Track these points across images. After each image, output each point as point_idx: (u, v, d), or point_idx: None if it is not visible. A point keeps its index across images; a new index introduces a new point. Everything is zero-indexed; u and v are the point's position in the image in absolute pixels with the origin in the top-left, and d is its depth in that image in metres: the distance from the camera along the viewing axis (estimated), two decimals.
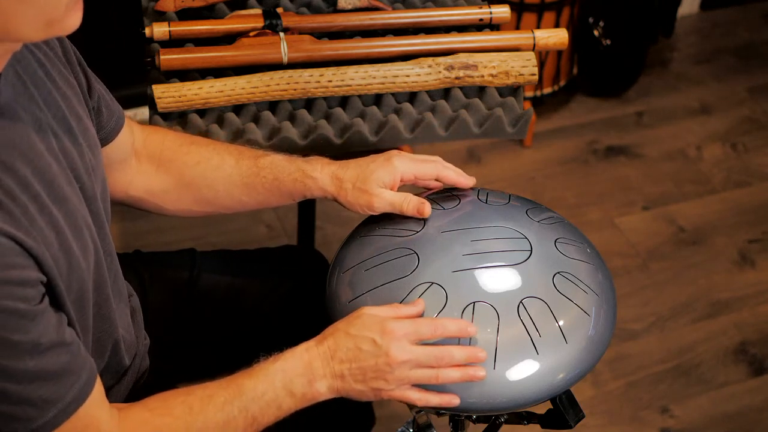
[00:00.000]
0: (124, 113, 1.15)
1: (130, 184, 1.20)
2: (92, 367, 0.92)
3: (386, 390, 1.01)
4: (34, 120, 0.89)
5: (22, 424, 0.86)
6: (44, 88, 0.93)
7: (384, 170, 1.15)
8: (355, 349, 1.00)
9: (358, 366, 1.00)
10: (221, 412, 0.98)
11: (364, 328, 1.01)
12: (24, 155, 0.85)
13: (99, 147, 1.03)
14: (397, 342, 1.00)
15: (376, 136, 1.35)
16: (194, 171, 1.20)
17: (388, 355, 0.99)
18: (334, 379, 1.01)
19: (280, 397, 0.99)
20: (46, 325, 0.84)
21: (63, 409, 0.88)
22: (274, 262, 1.40)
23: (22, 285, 0.81)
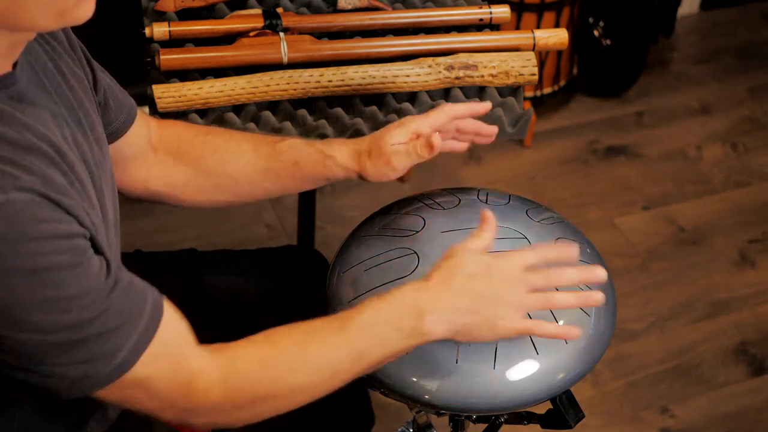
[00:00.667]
0: (137, 107, 1.14)
1: (149, 178, 1.19)
2: (157, 294, 0.90)
3: (503, 319, 0.97)
4: (50, 110, 0.89)
5: (105, 363, 0.83)
6: (54, 80, 0.93)
7: (396, 131, 1.15)
8: (469, 279, 0.97)
9: (475, 295, 0.97)
10: (326, 345, 0.94)
11: (471, 260, 0.98)
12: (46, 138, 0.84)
13: (106, 142, 1.03)
14: (510, 265, 0.98)
15: None
16: (212, 160, 1.19)
17: (503, 279, 0.97)
18: (446, 312, 0.96)
19: (387, 332, 0.95)
20: (96, 270, 0.83)
21: (141, 335, 0.85)
22: (275, 262, 1.40)
23: (65, 237, 0.80)
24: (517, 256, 0.99)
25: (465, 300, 0.97)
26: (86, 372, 0.83)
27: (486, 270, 0.98)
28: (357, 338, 0.95)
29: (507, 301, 0.97)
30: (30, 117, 0.84)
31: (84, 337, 0.82)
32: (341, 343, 0.95)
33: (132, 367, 0.85)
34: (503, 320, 0.97)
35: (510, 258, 0.99)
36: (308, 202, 1.80)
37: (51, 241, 0.79)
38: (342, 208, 2.31)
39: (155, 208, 2.28)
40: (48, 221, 0.79)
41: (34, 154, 0.81)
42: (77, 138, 0.93)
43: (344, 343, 0.95)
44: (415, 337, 0.96)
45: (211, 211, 2.27)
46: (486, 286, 0.97)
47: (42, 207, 0.79)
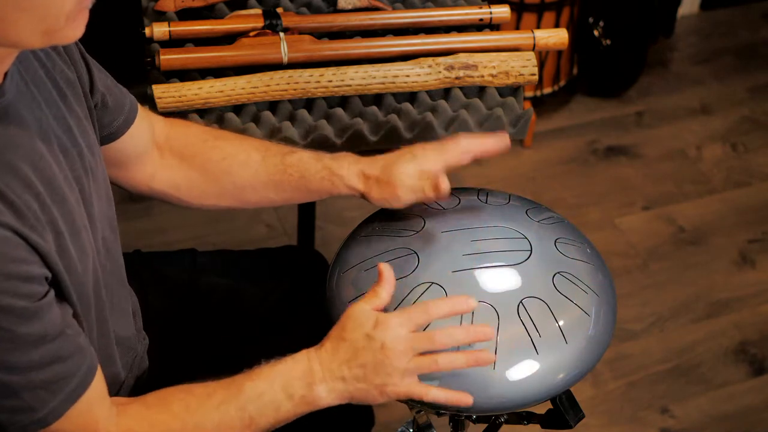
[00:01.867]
0: (138, 105, 1.14)
1: (153, 177, 1.19)
2: (93, 357, 0.92)
3: (390, 386, 1.00)
4: (36, 120, 0.89)
5: (26, 415, 0.86)
6: (45, 88, 0.93)
7: (408, 163, 1.15)
8: (352, 348, 0.99)
9: (357, 364, 0.99)
10: (218, 411, 0.97)
11: (356, 326, 1.00)
12: (26, 155, 0.85)
13: (98, 148, 1.03)
14: (391, 331, 0.99)
15: (376, 136, 1.35)
16: (220, 167, 1.19)
17: (384, 346, 0.98)
18: (334, 381, 1.00)
19: (278, 400, 0.99)
20: (50, 318, 0.85)
21: (66, 398, 0.88)
22: (274, 262, 1.40)
23: (28, 281, 0.82)
24: (405, 318, 1.00)
25: (352, 370, 0.99)
26: (7, 419, 0.85)
27: (370, 338, 0.99)
28: (249, 405, 0.98)
29: (392, 368, 0.99)
30: (14, 132, 0.84)
31: (16, 383, 0.84)
32: (233, 410, 0.98)
33: (49, 426, 0.88)
34: (391, 387, 1.00)
35: (397, 322, 0.99)
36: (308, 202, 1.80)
37: (11, 281, 0.80)
38: (342, 208, 2.31)
39: (155, 208, 2.28)
40: (12, 260, 0.80)
41: (11, 176, 0.82)
42: (65, 147, 0.93)
43: (236, 410, 0.98)
44: (306, 405, 1.00)
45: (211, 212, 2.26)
46: (370, 354, 0.99)
47: (11, 244, 0.80)
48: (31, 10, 0.76)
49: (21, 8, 0.76)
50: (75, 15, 0.79)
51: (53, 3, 0.76)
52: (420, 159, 1.15)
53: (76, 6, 0.78)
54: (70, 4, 0.77)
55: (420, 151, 1.16)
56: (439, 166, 1.15)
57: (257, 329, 1.31)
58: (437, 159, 1.15)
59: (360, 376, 0.99)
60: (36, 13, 0.76)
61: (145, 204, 2.28)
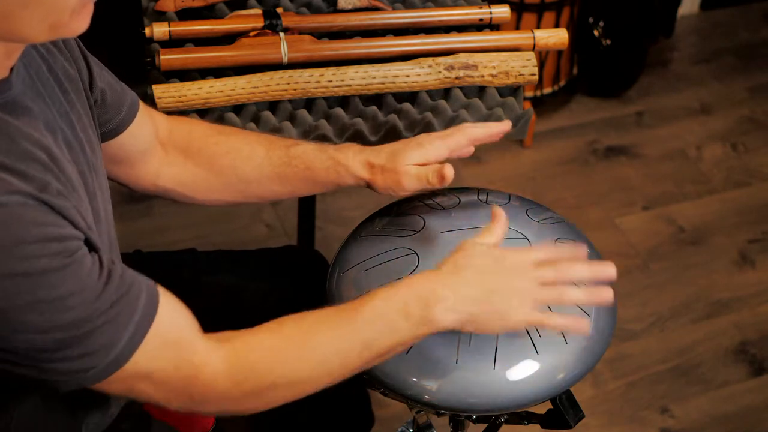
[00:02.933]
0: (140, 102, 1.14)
1: (157, 174, 1.19)
2: (152, 285, 0.90)
3: (513, 311, 0.97)
4: (43, 114, 0.89)
5: (103, 356, 0.83)
6: (48, 83, 0.93)
7: (413, 151, 1.14)
8: (480, 271, 0.97)
9: (487, 287, 0.97)
10: (336, 334, 0.94)
11: (482, 253, 0.99)
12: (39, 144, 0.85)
13: (99, 144, 1.03)
14: (522, 258, 0.99)
15: (376, 136, 1.35)
16: (224, 161, 1.19)
17: (514, 271, 0.97)
18: (457, 302, 0.96)
19: (396, 321, 0.95)
20: (89, 268, 0.83)
21: (138, 325, 0.85)
22: (274, 262, 1.40)
23: (59, 240, 0.80)
24: (527, 250, 1.00)
25: (475, 290, 0.97)
26: (84, 365, 0.83)
27: (496, 262, 0.98)
28: (366, 327, 0.95)
29: (518, 293, 0.97)
30: (24, 123, 0.84)
31: (79, 333, 0.82)
32: (350, 333, 0.95)
33: (130, 359, 0.85)
34: (514, 311, 0.98)
35: (520, 252, 1.00)
36: (308, 202, 1.81)
37: (44, 244, 0.79)
38: (342, 208, 2.31)
39: (155, 208, 2.29)
40: (40, 224, 0.79)
41: (29, 161, 0.81)
42: (69, 141, 0.93)
43: (353, 333, 0.95)
44: (424, 326, 0.96)
45: (211, 211, 2.27)
46: (497, 277, 0.98)
47: (34, 210, 0.79)
48: (36, 5, 0.76)
49: (26, 3, 0.76)
50: (80, 9, 0.79)
51: None
52: (425, 147, 1.15)
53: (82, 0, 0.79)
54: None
55: (425, 140, 1.16)
56: (444, 155, 1.15)
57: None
58: (442, 147, 1.15)
59: (487, 299, 0.97)
60: (42, 8, 0.77)
61: (146, 204, 2.29)
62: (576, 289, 1.00)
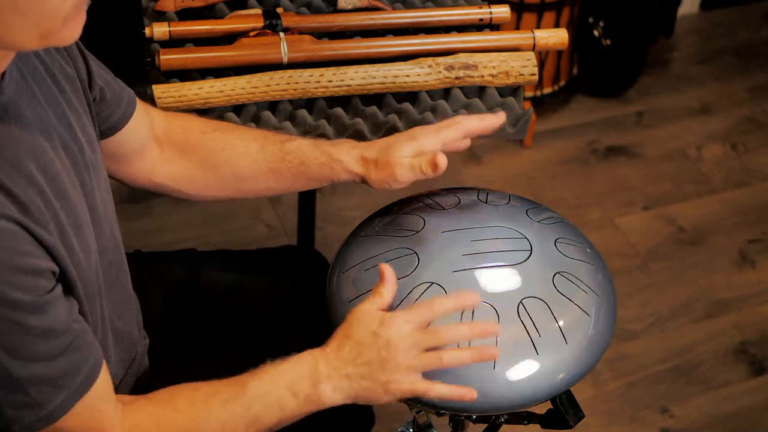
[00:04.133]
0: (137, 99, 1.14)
1: (153, 171, 1.19)
2: (99, 353, 0.92)
3: (395, 383, 0.99)
4: (37, 117, 0.89)
5: (33, 411, 0.86)
6: (44, 84, 0.93)
7: (406, 143, 1.14)
8: (357, 346, 0.99)
9: (363, 361, 0.99)
10: (224, 409, 0.97)
11: (361, 325, 1.00)
12: (29, 152, 0.85)
13: (98, 143, 1.03)
14: (396, 328, 0.99)
15: (376, 136, 1.35)
16: (219, 157, 1.19)
17: (389, 343, 0.98)
18: (340, 380, 0.99)
19: (283, 398, 0.98)
20: (57, 312, 0.85)
21: (72, 393, 0.87)
22: (274, 262, 1.40)
23: (35, 274, 0.81)
24: (410, 315, 1.00)
25: (357, 368, 0.99)
26: (14, 416, 0.85)
27: (375, 335, 0.99)
28: (254, 403, 0.98)
29: (397, 365, 0.99)
30: (14, 129, 0.84)
31: (23, 377, 0.83)
32: (239, 408, 0.98)
33: (58, 420, 0.88)
34: (395, 384, 0.99)
35: (401, 319, 1.00)
36: (308, 202, 1.80)
37: (20, 275, 0.80)
38: (342, 208, 2.31)
39: (155, 208, 2.28)
40: (19, 253, 0.80)
41: (14, 174, 0.82)
42: (66, 143, 0.93)
43: (242, 408, 0.98)
44: (310, 404, 1.00)
45: (210, 211, 2.27)
46: (375, 351, 0.99)
47: (17, 237, 0.80)
48: (27, 12, 0.76)
49: (17, 11, 0.75)
50: (72, 17, 0.79)
51: (50, 6, 0.76)
52: (418, 140, 1.14)
53: (73, 9, 0.78)
54: (67, 7, 0.77)
55: (418, 133, 1.16)
56: (437, 147, 1.14)
57: (257, 329, 1.31)
58: (435, 140, 1.15)
59: (365, 374, 0.99)
60: (32, 16, 0.76)
61: (145, 204, 2.28)
62: (458, 350, 1.01)
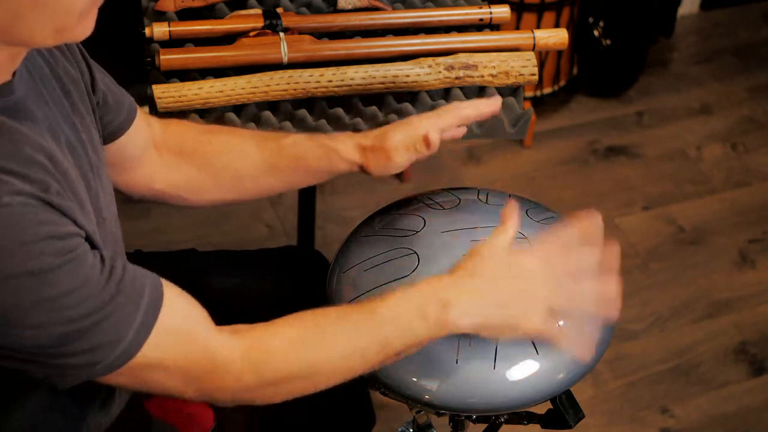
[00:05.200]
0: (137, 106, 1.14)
1: (153, 178, 1.19)
2: (155, 278, 0.90)
3: (526, 318, 0.97)
4: (45, 117, 0.89)
5: (109, 350, 0.84)
6: (50, 85, 0.93)
7: (402, 129, 1.15)
8: (492, 272, 0.98)
9: (498, 290, 0.97)
10: (355, 331, 0.95)
11: (494, 254, 0.99)
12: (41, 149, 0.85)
13: (101, 146, 1.03)
14: (532, 261, 0.99)
15: None
16: (217, 160, 1.20)
17: (526, 276, 0.98)
18: (470, 305, 0.96)
19: (413, 321, 0.96)
20: (91, 263, 0.83)
21: (143, 319, 0.85)
22: (275, 262, 1.40)
23: (61, 238, 0.80)
24: (540, 253, 1.00)
25: (490, 296, 0.97)
26: (92, 359, 0.83)
27: (510, 267, 0.99)
28: (383, 326, 0.96)
29: (532, 299, 0.98)
30: (26, 128, 0.84)
31: (84, 328, 0.82)
32: (368, 330, 0.96)
33: (138, 351, 0.85)
34: (528, 318, 0.98)
35: (533, 255, 1.00)
36: (308, 202, 1.80)
37: (46, 242, 0.79)
38: (342, 208, 2.31)
39: (155, 208, 2.28)
40: (43, 223, 0.79)
41: (31, 166, 0.81)
42: (72, 144, 0.93)
43: (371, 330, 0.96)
44: (439, 328, 0.97)
45: (210, 211, 2.27)
46: (511, 282, 0.98)
47: (37, 209, 0.80)
48: (45, 8, 0.76)
49: (35, 6, 0.76)
50: (87, 13, 0.79)
51: (66, 1, 0.77)
52: (414, 125, 1.15)
53: (89, 4, 0.79)
54: (83, 3, 0.78)
55: (414, 119, 1.17)
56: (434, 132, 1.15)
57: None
58: (430, 123, 1.15)
59: (498, 304, 0.97)
60: (49, 11, 0.77)
61: (145, 204, 2.28)
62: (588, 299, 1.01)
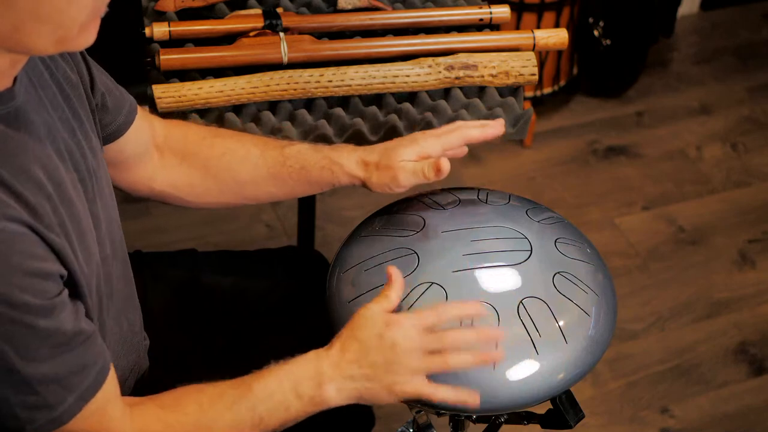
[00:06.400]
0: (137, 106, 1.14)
1: (153, 178, 1.19)
2: (107, 356, 0.92)
3: (400, 384, 1.00)
4: (44, 123, 0.89)
5: (43, 413, 0.86)
6: (50, 90, 0.93)
7: (407, 147, 1.15)
8: (362, 347, 1.00)
9: (368, 363, 0.99)
10: (230, 411, 0.98)
11: (367, 326, 1.01)
12: (37, 158, 0.85)
13: (100, 150, 1.03)
14: (403, 330, 0.99)
15: (376, 136, 1.35)
16: (219, 163, 1.20)
17: (395, 345, 0.99)
18: (344, 381, 1.00)
19: (288, 400, 0.99)
20: (65, 315, 0.85)
21: (82, 394, 0.88)
22: (275, 262, 1.40)
23: (45, 278, 0.82)
24: (416, 318, 1.01)
25: (362, 369, 0.99)
26: (27, 417, 0.85)
27: (381, 337, 1.00)
28: (259, 405, 0.98)
29: (402, 367, 0.99)
30: (24, 136, 0.84)
31: (33, 378, 0.84)
32: (244, 410, 0.98)
33: (68, 422, 0.88)
34: (400, 385, 1.00)
35: (406, 322, 1.00)
36: (308, 202, 1.80)
37: (31, 279, 0.80)
38: (342, 208, 2.31)
39: (154, 208, 2.28)
40: (30, 257, 0.81)
41: (26, 180, 0.82)
42: (70, 148, 0.93)
43: (247, 410, 0.98)
44: (315, 405, 1.00)
45: (210, 211, 2.26)
46: (380, 353, 0.99)
47: (28, 241, 0.81)
48: (46, 19, 0.77)
49: (38, 17, 0.76)
50: (88, 23, 0.80)
51: (69, 13, 0.77)
52: (420, 143, 1.15)
53: (91, 15, 0.79)
54: (85, 14, 0.78)
55: (420, 137, 1.16)
56: (438, 152, 1.15)
57: (257, 329, 1.31)
58: (436, 144, 1.15)
59: (370, 375, 0.99)
60: (51, 23, 0.77)
61: (145, 204, 2.28)
62: (463, 354, 1.01)
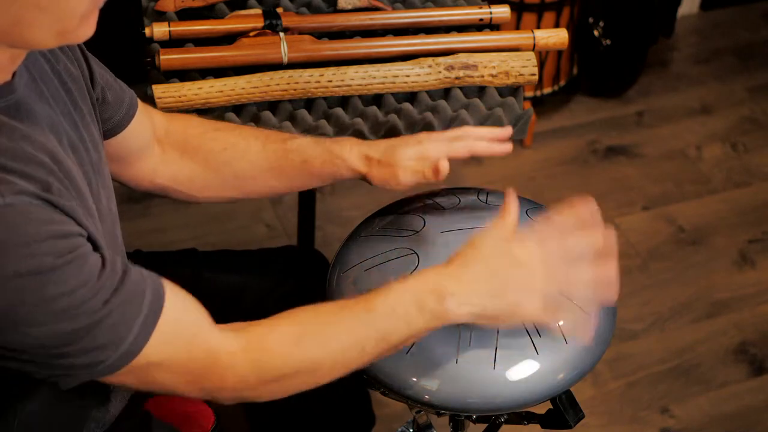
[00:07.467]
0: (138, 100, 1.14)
1: (155, 172, 1.19)
2: (156, 278, 0.90)
3: (522, 306, 0.98)
4: (47, 116, 0.89)
5: (112, 350, 0.84)
6: (51, 84, 0.93)
7: (410, 147, 1.15)
8: (487, 264, 0.99)
9: (494, 279, 0.98)
10: (352, 325, 0.96)
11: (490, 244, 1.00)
12: (43, 148, 0.85)
13: (102, 143, 1.03)
14: (529, 248, 1.00)
15: (376, 136, 1.35)
16: (221, 157, 1.19)
17: (521, 264, 0.98)
18: (467, 295, 0.97)
19: (410, 314, 0.96)
20: (97, 262, 0.84)
21: (147, 316, 0.86)
22: (275, 262, 1.40)
23: (64, 237, 0.81)
24: (536, 241, 1.01)
25: (486, 285, 0.98)
26: (93, 360, 0.84)
27: (505, 256, 0.99)
28: (381, 319, 0.96)
29: (527, 287, 0.98)
30: (28, 127, 0.84)
31: (86, 328, 0.82)
32: (367, 324, 0.96)
33: (140, 352, 0.86)
34: (524, 306, 0.99)
35: (529, 244, 1.00)
36: (308, 202, 1.80)
37: (50, 242, 0.79)
38: (342, 208, 2.31)
39: (154, 208, 2.29)
40: (46, 222, 0.79)
41: (33, 165, 0.82)
42: (73, 142, 0.93)
43: (369, 324, 0.96)
44: (437, 319, 0.97)
45: (210, 211, 2.27)
46: (506, 271, 0.98)
47: (40, 209, 0.80)
48: (48, 10, 0.77)
49: (39, 9, 0.76)
50: (88, 15, 0.80)
51: (69, 3, 0.77)
52: (424, 144, 1.15)
53: (90, 6, 0.79)
54: (85, 5, 0.78)
55: (425, 138, 1.16)
56: (441, 154, 1.15)
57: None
58: (441, 147, 1.15)
59: (494, 293, 0.98)
60: (51, 15, 0.77)
61: (145, 204, 2.28)
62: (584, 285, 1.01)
